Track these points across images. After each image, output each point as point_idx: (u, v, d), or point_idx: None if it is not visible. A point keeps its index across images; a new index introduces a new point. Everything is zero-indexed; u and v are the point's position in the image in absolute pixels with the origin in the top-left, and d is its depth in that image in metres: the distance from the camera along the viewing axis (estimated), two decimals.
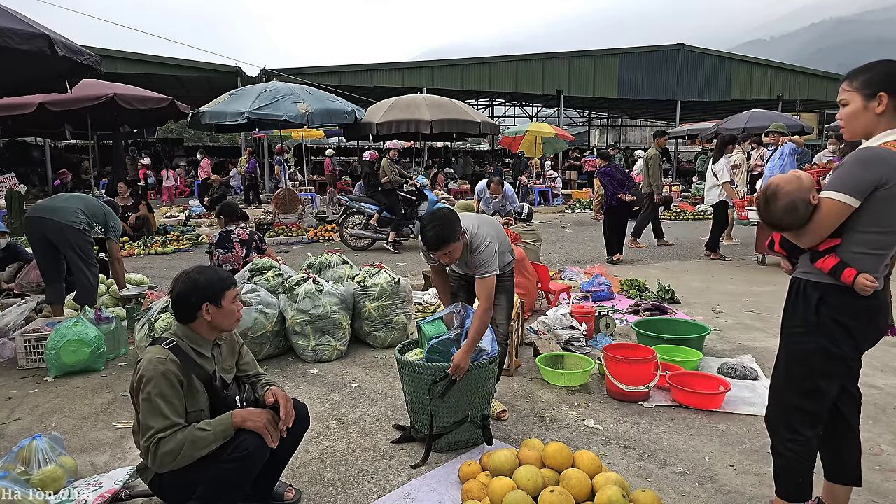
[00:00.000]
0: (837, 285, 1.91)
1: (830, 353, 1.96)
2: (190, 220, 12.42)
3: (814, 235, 1.92)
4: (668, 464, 2.77)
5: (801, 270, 2.04)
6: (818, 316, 1.95)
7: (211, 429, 2.06)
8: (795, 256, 2.11)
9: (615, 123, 42.86)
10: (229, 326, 2.28)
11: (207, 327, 2.23)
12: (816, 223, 1.90)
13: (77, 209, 4.58)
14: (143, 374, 2.05)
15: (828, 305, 1.94)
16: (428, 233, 2.85)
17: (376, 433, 3.10)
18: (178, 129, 32.44)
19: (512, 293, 3.35)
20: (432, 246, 2.87)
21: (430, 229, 2.84)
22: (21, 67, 4.95)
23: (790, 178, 1.95)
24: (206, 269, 2.29)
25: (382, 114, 11.06)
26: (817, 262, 1.94)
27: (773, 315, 5.27)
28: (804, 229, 1.93)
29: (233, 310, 2.25)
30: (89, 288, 4.66)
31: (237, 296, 2.30)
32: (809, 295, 1.98)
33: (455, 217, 2.90)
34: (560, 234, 11.14)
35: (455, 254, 2.91)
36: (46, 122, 10.68)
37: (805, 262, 2.03)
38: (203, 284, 2.19)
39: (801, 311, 2.00)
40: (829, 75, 27.95)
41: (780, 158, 7.87)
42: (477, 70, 22.68)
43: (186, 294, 2.18)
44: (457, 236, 2.85)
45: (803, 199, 1.89)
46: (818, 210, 1.89)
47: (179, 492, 2.12)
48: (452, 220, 2.87)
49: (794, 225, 1.93)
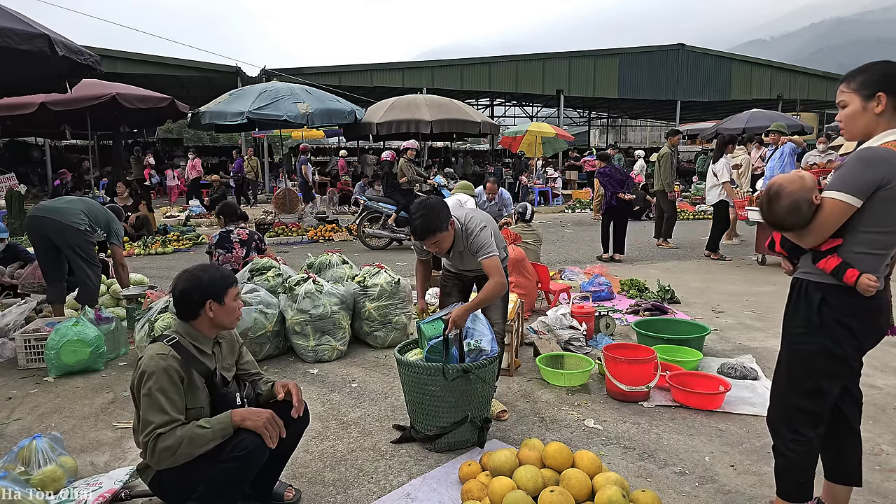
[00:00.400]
0: (839, 285, 1.91)
1: (833, 354, 1.96)
2: (190, 220, 12.42)
3: (816, 235, 1.92)
4: (668, 464, 2.77)
5: (803, 271, 2.04)
6: (821, 316, 1.95)
7: (210, 427, 2.06)
8: (796, 257, 2.10)
9: (615, 123, 42.83)
10: (230, 324, 2.30)
11: (209, 325, 2.24)
12: (819, 223, 1.90)
13: (79, 211, 4.58)
14: (145, 370, 2.06)
15: (830, 306, 1.94)
16: (415, 222, 2.89)
17: (376, 433, 3.10)
18: (178, 129, 32.42)
19: (506, 291, 3.33)
20: (419, 234, 2.92)
21: (417, 218, 2.88)
22: (21, 67, 4.94)
23: (793, 178, 1.94)
24: (208, 266, 2.33)
25: (382, 114, 11.06)
26: (819, 263, 1.94)
27: (773, 315, 5.27)
28: (806, 229, 1.92)
29: (234, 307, 2.29)
30: (91, 288, 4.66)
31: (238, 294, 2.34)
32: (811, 295, 1.97)
33: (443, 207, 2.94)
34: (560, 234, 11.14)
35: (444, 243, 2.96)
36: (46, 122, 10.68)
37: (806, 262, 2.03)
38: (206, 282, 2.22)
39: (804, 311, 2.00)
40: (829, 75, 27.95)
41: (780, 158, 7.88)
42: (477, 70, 22.68)
43: (190, 291, 2.20)
44: (444, 226, 2.90)
45: (806, 199, 1.89)
46: (820, 210, 1.89)
47: (179, 491, 2.13)
48: (440, 209, 2.91)
49: (797, 225, 1.93)
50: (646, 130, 43.97)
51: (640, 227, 12.22)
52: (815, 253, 1.97)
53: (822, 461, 2.18)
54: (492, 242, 2.99)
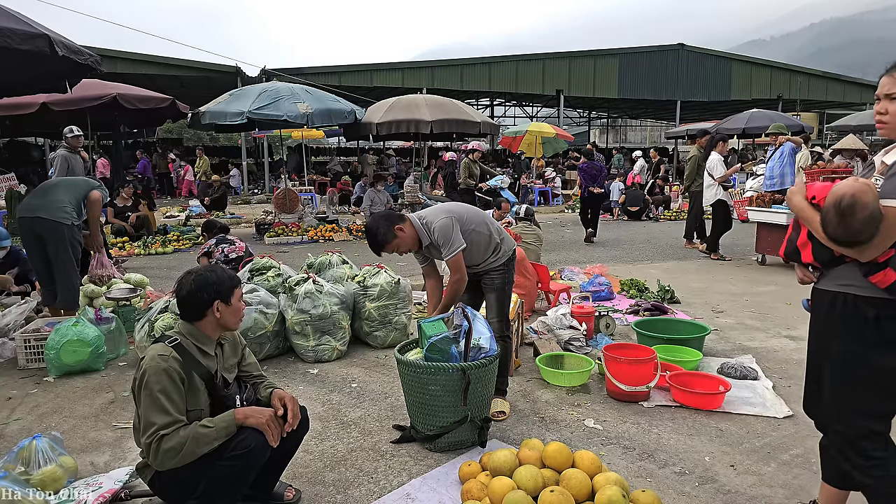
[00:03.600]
0: (894, 301, 1.80)
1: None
2: (190, 220, 12.42)
3: (879, 248, 1.77)
4: (668, 464, 2.77)
5: (842, 283, 1.89)
6: (881, 332, 1.83)
7: (213, 426, 2.06)
8: (828, 268, 1.95)
9: (615, 123, 42.86)
10: (234, 325, 2.32)
11: (214, 326, 2.25)
12: (885, 234, 1.74)
13: (64, 202, 4.56)
14: (146, 371, 2.06)
15: (891, 320, 1.82)
16: (367, 241, 3.04)
17: (376, 433, 3.10)
18: (178, 129, 32.43)
19: (501, 291, 3.29)
20: (374, 251, 3.08)
21: (366, 238, 3.03)
22: (21, 67, 4.94)
23: (863, 188, 1.74)
24: (214, 267, 2.36)
25: (382, 114, 11.05)
26: (874, 276, 1.80)
27: (773, 315, 5.27)
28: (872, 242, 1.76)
29: (239, 308, 2.32)
30: (73, 291, 4.65)
31: (242, 295, 2.37)
32: (863, 310, 1.84)
33: (388, 216, 3.07)
34: (560, 234, 11.14)
35: (404, 246, 3.06)
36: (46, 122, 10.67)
37: (846, 274, 1.88)
38: (214, 281, 2.24)
39: (856, 329, 1.86)
40: (830, 75, 27.96)
41: (780, 158, 7.87)
42: (477, 70, 22.69)
43: (197, 291, 2.21)
44: (392, 234, 3.00)
45: (879, 209, 1.73)
46: (885, 219, 1.73)
47: (179, 490, 2.13)
48: (384, 221, 3.02)
49: (871, 238, 1.74)
50: (646, 130, 43.97)
51: (640, 227, 12.24)
52: (868, 265, 1.82)
53: (822, 463, 2.16)
54: (453, 239, 3.01)
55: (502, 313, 3.28)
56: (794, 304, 5.55)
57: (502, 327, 3.26)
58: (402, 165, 20.61)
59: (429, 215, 3.12)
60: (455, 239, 3.02)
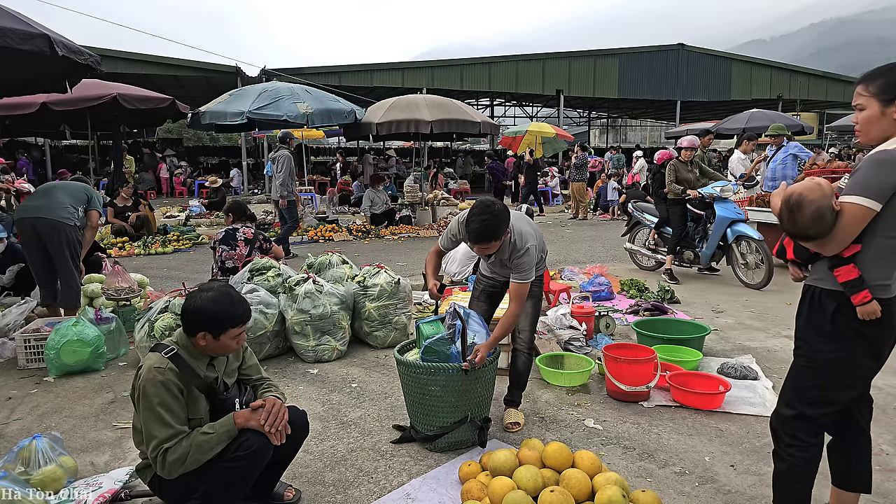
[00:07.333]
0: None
1: (848, 363, 1.92)
2: (190, 220, 12.42)
3: (839, 243, 1.86)
4: (668, 464, 2.77)
5: (815, 278, 1.99)
6: (834, 325, 1.91)
7: (214, 431, 2.07)
8: (809, 264, 2.05)
9: (615, 123, 42.88)
10: (221, 354, 2.25)
11: (201, 348, 2.19)
12: (841, 230, 1.83)
13: (64, 203, 4.57)
14: (144, 384, 2.05)
15: (845, 314, 1.89)
16: (473, 224, 2.72)
17: (376, 433, 3.10)
18: (178, 129, 32.43)
19: (539, 299, 3.24)
20: (474, 238, 2.75)
21: (477, 222, 2.71)
22: (21, 67, 4.94)
23: (811, 186, 1.86)
24: (223, 296, 2.17)
25: (382, 114, 11.06)
26: (837, 270, 1.88)
27: (773, 315, 5.27)
28: (829, 237, 1.85)
29: (230, 344, 2.19)
30: (76, 290, 4.65)
31: (242, 332, 2.22)
32: (825, 303, 1.93)
33: (506, 215, 2.80)
34: (560, 234, 11.14)
35: (491, 250, 2.84)
36: (47, 122, 10.69)
37: (819, 269, 1.97)
38: (210, 315, 2.12)
39: (817, 320, 1.95)
40: (829, 75, 27.95)
41: (782, 160, 7.86)
42: (477, 70, 22.69)
43: (190, 316, 2.15)
44: (501, 235, 2.78)
45: (828, 206, 1.82)
46: (841, 216, 1.82)
47: (179, 491, 2.13)
48: (503, 218, 2.76)
49: (822, 233, 1.85)
50: (646, 130, 43.99)
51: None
52: (835, 259, 1.90)
53: (830, 467, 2.16)
54: (532, 268, 2.91)
55: (535, 324, 3.22)
56: (794, 304, 5.53)
57: (531, 338, 3.19)
58: (402, 165, 20.60)
59: (519, 236, 2.92)
60: (531, 271, 2.91)
